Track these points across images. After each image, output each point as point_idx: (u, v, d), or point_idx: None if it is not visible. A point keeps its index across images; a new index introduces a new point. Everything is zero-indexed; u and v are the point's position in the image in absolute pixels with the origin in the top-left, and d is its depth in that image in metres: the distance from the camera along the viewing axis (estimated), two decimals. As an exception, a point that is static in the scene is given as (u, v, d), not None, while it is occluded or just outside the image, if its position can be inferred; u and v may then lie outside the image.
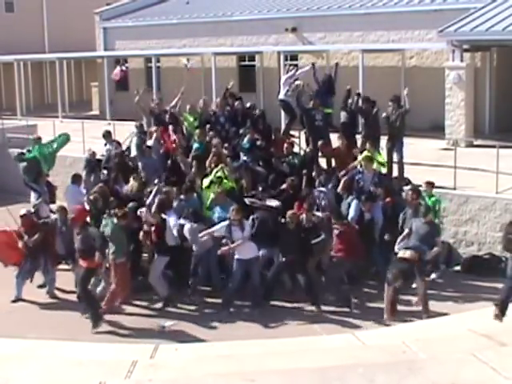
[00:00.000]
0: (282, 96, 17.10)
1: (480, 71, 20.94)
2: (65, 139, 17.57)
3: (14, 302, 13.32)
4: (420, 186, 13.81)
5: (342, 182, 13.88)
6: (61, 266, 14.06)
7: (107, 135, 17.40)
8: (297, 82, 16.82)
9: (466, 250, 14.54)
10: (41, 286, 13.81)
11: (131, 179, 14.67)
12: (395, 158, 15.23)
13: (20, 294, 13.44)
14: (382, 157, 14.96)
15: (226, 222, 12.60)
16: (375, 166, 14.39)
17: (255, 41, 26.39)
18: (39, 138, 17.59)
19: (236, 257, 12.56)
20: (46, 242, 13.43)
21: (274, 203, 13.43)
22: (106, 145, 17.22)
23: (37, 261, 13.46)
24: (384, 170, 14.84)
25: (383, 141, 15.49)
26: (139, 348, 9.84)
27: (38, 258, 13.44)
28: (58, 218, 13.71)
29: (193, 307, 12.89)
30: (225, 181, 14.00)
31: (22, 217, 13.55)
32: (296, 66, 18.00)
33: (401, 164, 15.12)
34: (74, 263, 13.60)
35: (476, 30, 19.04)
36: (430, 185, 13.75)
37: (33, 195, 16.29)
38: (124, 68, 22.84)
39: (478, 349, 7.05)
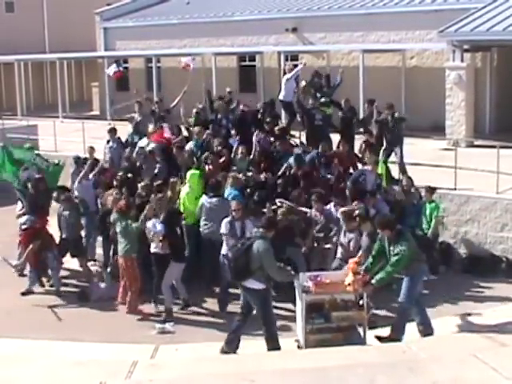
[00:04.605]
0: (281, 97, 17.17)
1: (480, 71, 20.92)
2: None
3: (23, 294, 13.28)
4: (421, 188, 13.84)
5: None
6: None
7: (112, 132, 17.04)
8: (302, 83, 16.89)
9: (466, 250, 14.52)
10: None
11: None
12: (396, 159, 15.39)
13: (32, 287, 13.44)
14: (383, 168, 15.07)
15: (229, 219, 12.36)
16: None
17: (256, 41, 26.37)
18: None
19: (223, 252, 12.27)
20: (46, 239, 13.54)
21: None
22: (108, 142, 17.04)
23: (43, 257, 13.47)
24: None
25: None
26: (140, 348, 9.87)
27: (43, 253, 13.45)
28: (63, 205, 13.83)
29: (192, 308, 12.86)
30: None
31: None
32: (295, 66, 17.95)
33: (402, 165, 15.23)
34: (82, 255, 13.90)
35: (476, 30, 19.03)
36: (430, 191, 13.67)
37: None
38: (120, 69, 22.65)
39: (478, 349, 7.06)
